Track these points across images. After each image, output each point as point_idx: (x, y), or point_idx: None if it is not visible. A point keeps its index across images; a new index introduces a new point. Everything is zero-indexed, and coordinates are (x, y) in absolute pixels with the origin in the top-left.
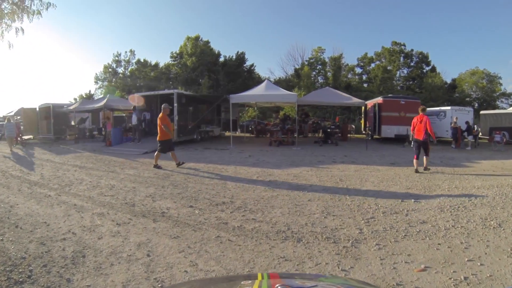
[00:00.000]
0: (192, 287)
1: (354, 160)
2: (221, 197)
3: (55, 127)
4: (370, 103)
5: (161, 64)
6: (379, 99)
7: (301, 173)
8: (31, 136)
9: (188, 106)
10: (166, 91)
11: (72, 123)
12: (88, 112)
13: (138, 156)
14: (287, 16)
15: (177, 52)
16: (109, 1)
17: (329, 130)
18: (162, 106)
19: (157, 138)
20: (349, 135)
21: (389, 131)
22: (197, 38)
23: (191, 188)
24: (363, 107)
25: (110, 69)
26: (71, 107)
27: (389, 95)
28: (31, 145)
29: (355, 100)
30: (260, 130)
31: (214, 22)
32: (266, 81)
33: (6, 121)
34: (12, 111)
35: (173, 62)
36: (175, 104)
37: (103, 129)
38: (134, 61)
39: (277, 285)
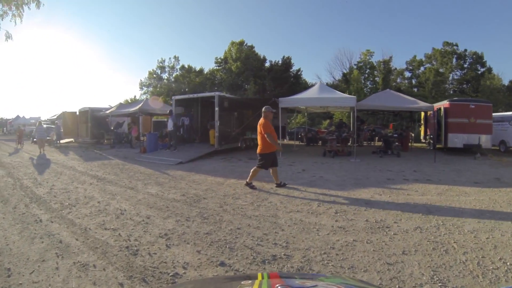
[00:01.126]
0: (192, 287)
1: (428, 177)
2: (270, 244)
3: (92, 131)
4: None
5: (206, 70)
6: (444, 103)
7: (373, 197)
8: (72, 139)
9: (231, 111)
10: (207, 94)
11: (112, 128)
12: (125, 117)
13: (170, 167)
14: (333, 18)
15: (222, 57)
16: (152, 9)
17: (391, 139)
18: (263, 109)
19: (257, 151)
20: (409, 144)
21: (456, 140)
22: (241, 43)
23: (226, 224)
24: (422, 113)
25: (154, 75)
26: (108, 112)
27: (455, 98)
28: (68, 148)
29: (422, 104)
30: (310, 138)
31: (258, 27)
32: (319, 83)
33: (37, 124)
34: (55, 115)
35: (217, 67)
36: (217, 108)
37: (130, 134)
38: (178, 67)
39: (277, 285)
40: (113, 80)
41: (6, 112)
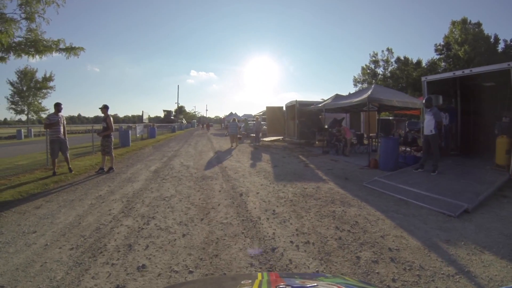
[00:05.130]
0: (192, 287)
1: None
2: None
3: (300, 128)
4: None
5: (425, 61)
6: None
7: None
8: (279, 138)
9: None
10: (482, 69)
11: (326, 126)
12: (344, 112)
13: (449, 225)
14: None
15: (442, 43)
16: (352, 6)
17: None
18: None
19: None
20: None
21: None
22: (464, 22)
23: None
24: None
25: (368, 71)
26: (321, 105)
27: None
28: (268, 149)
29: None
30: None
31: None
32: None
33: (231, 121)
34: (261, 111)
35: (439, 56)
36: None
37: (333, 138)
38: (393, 60)
39: (277, 284)
40: (325, 80)
41: (224, 111)
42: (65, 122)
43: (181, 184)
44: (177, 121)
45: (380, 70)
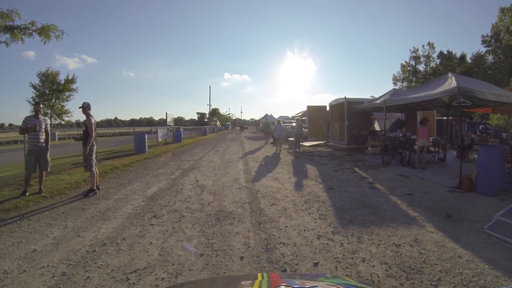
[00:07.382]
0: (192, 287)
1: None
2: None
3: (350, 131)
4: None
5: (469, 55)
6: None
7: None
8: (321, 142)
9: None
10: None
11: (376, 127)
12: (399, 111)
13: None
14: None
15: (490, 33)
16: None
17: None
18: None
19: None
20: None
21: None
22: None
23: None
24: None
25: (409, 67)
26: (379, 100)
27: None
28: (311, 157)
29: None
30: None
31: None
32: None
33: (276, 123)
34: (300, 112)
35: (486, 48)
36: None
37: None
38: (435, 55)
39: (277, 285)
40: (360, 81)
41: (259, 113)
42: (49, 128)
43: (178, 231)
44: (210, 124)
45: (421, 67)
